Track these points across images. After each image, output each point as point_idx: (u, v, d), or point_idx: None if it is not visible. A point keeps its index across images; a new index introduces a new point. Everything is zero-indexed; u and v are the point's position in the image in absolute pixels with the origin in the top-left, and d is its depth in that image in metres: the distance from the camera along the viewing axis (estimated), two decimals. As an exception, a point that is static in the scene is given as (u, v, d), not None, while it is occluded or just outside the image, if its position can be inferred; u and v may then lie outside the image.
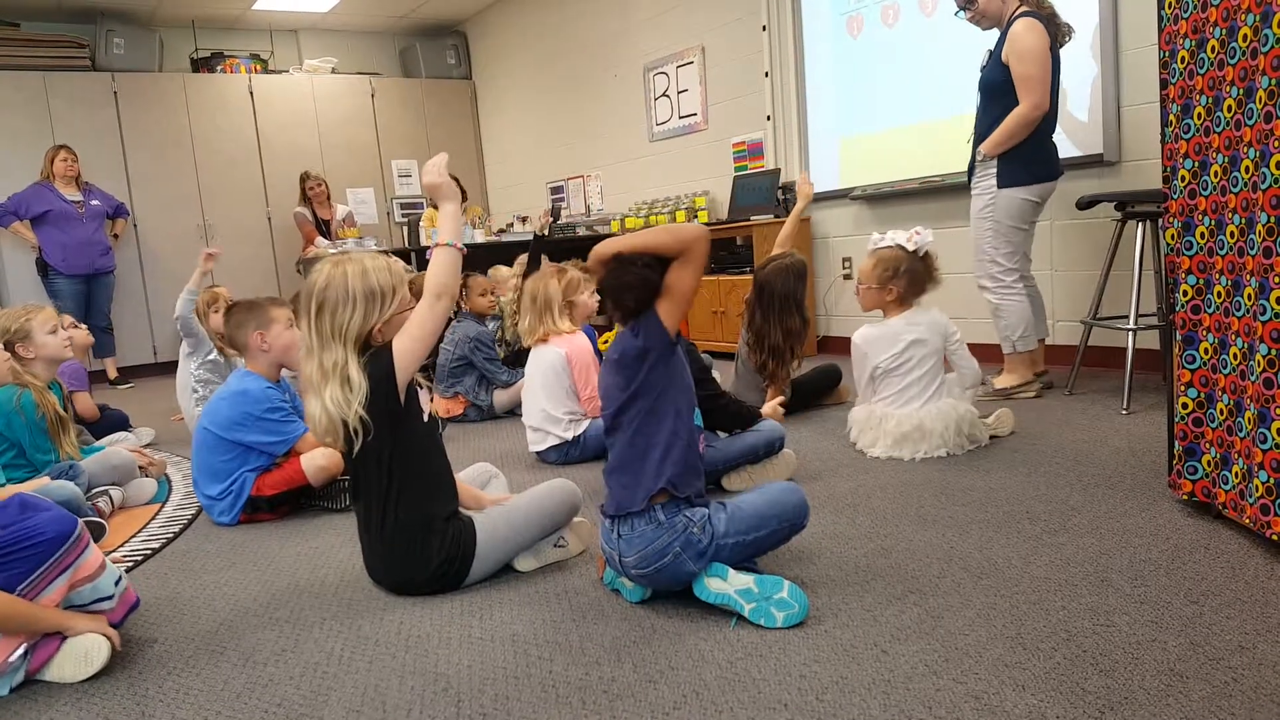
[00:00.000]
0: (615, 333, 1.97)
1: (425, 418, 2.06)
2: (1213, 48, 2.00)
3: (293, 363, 2.85)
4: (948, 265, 4.48)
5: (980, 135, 3.54)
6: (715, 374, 3.00)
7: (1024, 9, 3.36)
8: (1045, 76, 3.29)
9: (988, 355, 4.42)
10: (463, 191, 7.34)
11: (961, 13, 3.56)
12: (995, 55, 3.45)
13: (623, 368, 1.87)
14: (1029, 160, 3.40)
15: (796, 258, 3.50)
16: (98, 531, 2.59)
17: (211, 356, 3.87)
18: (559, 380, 3.19)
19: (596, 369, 3.04)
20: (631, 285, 1.85)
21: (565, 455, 3.20)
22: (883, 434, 2.95)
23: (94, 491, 2.93)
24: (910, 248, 2.98)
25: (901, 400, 2.94)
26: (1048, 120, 3.37)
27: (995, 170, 3.45)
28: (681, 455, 1.85)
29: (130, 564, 2.45)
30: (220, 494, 2.74)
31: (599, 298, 2.16)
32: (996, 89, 3.42)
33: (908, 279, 2.98)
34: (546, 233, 6.42)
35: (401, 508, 1.99)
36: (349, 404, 1.92)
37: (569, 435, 3.17)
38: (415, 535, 1.99)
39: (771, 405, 3.05)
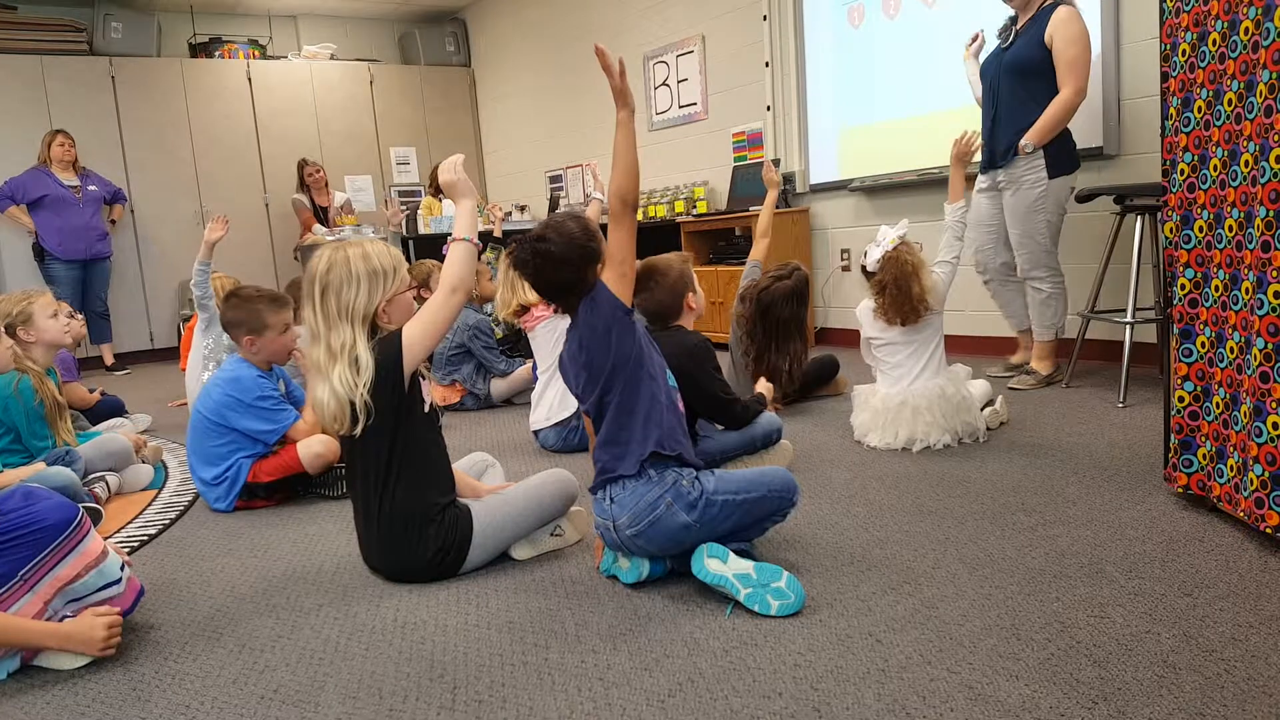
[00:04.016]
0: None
1: (427, 408, 2.06)
2: (1214, 41, 1.99)
3: (282, 360, 2.88)
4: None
5: (1010, 118, 3.50)
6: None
7: None
8: (1089, 62, 3.35)
9: (987, 347, 4.43)
10: None
11: None
12: (1032, 37, 3.42)
13: (587, 350, 1.91)
14: (1070, 147, 3.47)
15: (800, 276, 3.42)
16: (94, 517, 2.59)
17: (226, 335, 3.84)
18: None
19: None
20: (562, 284, 1.94)
21: (564, 441, 3.21)
22: (871, 411, 2.97)
23: (90, 477, 2.93)
24: (870, 267, 2.98)
25: (892, 379, 2.97)
26: None
27: (1043, 161, 3.44)
28: (662, 416, 1.89)
29: (127, 550, 2.45)
30: (216, 479, 2.75)
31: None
32: (1032, 68, 3.41)
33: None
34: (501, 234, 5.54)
35: (399, 496, 1.99)
36: (356, 384, 1.92)
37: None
38: (412, 523, 1.99)
39: (764, 386, 3.08)
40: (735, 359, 3.60)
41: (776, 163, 5.51)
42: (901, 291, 2.89)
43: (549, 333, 3.30)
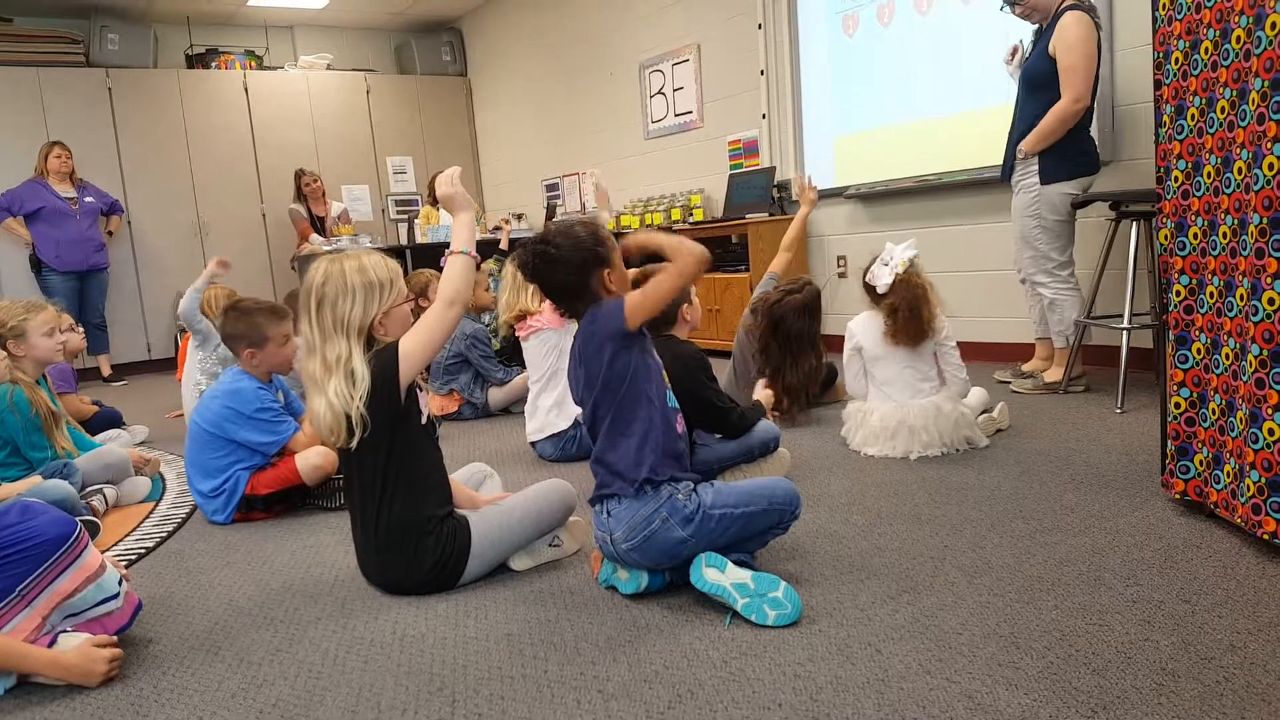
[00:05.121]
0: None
1: (424, 419, 2.06)
2: (1206, 49, 2.00)
3: (284, 371, 2.89)
4: (938, 265, 4.50)
5: (1020, 129, 3.58)
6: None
7: (1071, 2, 3.40)
8: (1090, 69, 3.35)
9: (987, 353, 4.43)
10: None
11: (1008, 8, 3.59)
12: (1040, 47, 3.49)
13: (585, 360, 1.92)
14: (1070, 155, 3.46)
15: (811, 291, 3.39)
16: (92, 530, 2.58)
17: (220, 350, 3.85)
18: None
19: None
20: (566, 286, 1.93)
21: (562, 451, 3.20)
22: (868, 430, 2.96)
23: (88, 490, 2.92)
24: (881, 289, 2.95)
25: (887, 395, 2.95)
26: (1087, 113, 3.42)
27: (1037, 167, 3.50)
28: (659, 441, 1.88)
29: (124, 563, 2.44)
30: (214, 491, 2.74)
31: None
32: (1040, 80, 3.46)
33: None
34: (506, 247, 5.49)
35: (396, 508, 1.99)
36: (352, 397, 1.92)
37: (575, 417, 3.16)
38: (409, 536, 1.99)
39: (761, 394, 3.07)
40: (737, 369, 3.60)
41: (773, 170, 5.53)
42: (914, 314, 2.86)
43: (541, 344, 3.29)
